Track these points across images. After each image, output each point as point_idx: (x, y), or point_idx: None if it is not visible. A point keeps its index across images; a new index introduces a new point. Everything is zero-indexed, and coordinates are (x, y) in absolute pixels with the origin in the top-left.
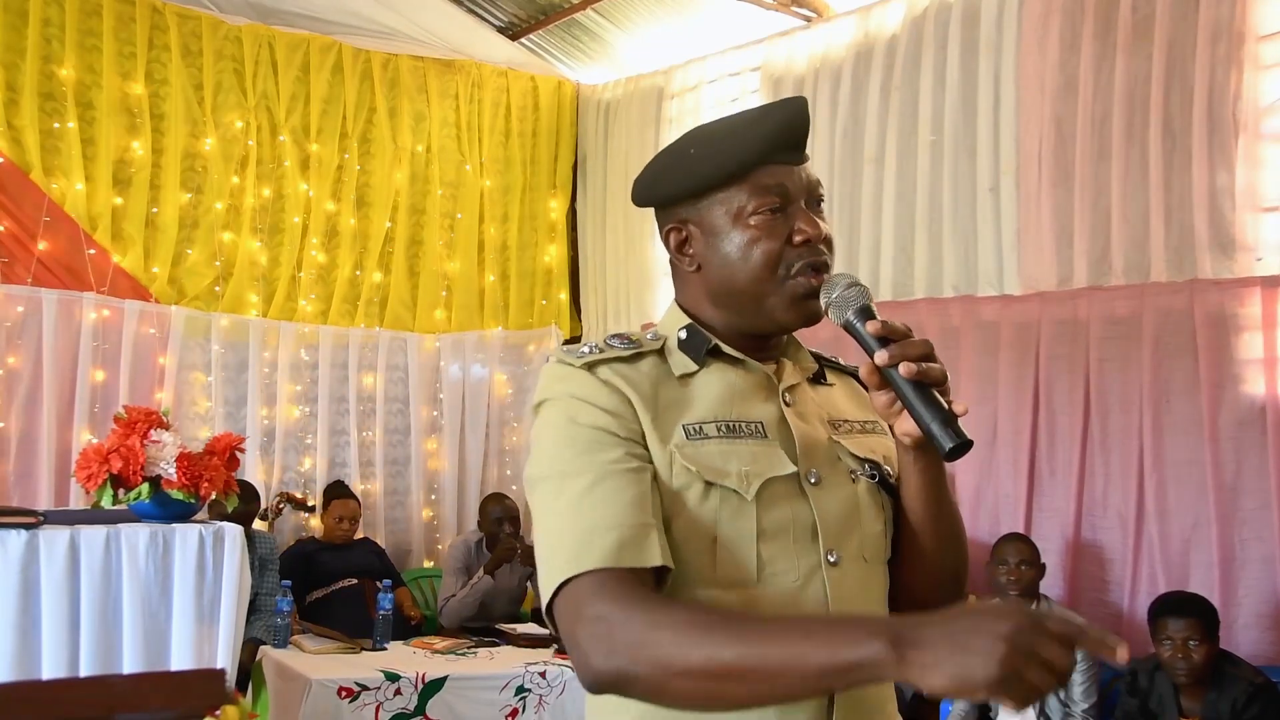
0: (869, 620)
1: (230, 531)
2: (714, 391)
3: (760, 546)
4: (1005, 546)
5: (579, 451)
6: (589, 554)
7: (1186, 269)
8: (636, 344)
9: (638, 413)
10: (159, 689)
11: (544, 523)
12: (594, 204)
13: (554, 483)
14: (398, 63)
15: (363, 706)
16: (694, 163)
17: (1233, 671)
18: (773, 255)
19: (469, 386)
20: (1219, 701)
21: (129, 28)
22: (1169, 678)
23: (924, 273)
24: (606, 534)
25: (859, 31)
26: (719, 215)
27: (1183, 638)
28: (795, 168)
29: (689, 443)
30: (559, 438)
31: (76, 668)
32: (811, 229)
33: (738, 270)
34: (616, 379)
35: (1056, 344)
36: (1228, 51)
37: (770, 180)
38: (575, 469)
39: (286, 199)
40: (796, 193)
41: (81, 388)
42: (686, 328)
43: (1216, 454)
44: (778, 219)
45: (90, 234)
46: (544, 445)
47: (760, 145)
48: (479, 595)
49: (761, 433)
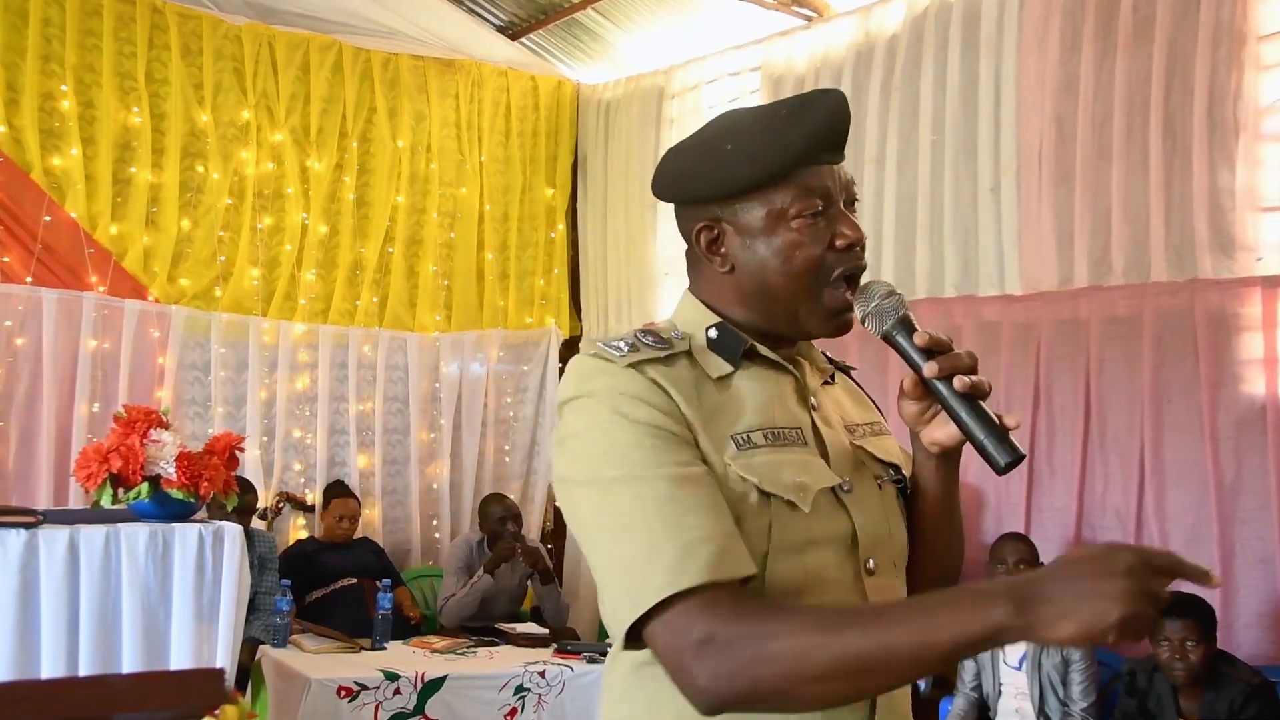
0: (984, 588)
1: (230, 531)
2: (754, 397)
3: (810, 557)
4: (1004, 546)
5: (646, 451)
6: (690, 568)
7: (1187, 269)
8: (668, 344)
9: (689, 419)
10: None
11: (614, 531)
12: (594, 203)
13: (617, 486)
14: (398, 62)
15: (362, 706)
16: (732, 160)
17: (1230, 672)
18: (814, 261)
19: (468, 386)
20: (1216, 702)
21: (129, 27)
22: (1167, 678)
23: (925, 272)
24: (704, 546)
25: (859, 31)
26: (757, 216)
27: (1180, 638)
28: (835, 167)
29: (741, 454)
30: (615, 437)
31: (76, 667)
32: (854, 232)
33: (775, 274)
34: (662, 380)
35: (1057, 344)
36: (1228, 52)
37: (815, 182)
38: (646, 471)
39: (286, 198)
40: (836, 194)
41: (81, 387)
42: (717, 326)
43: (1216, 454)
44: (819, 222)
45: (90, 233)
46: (592, 442)
47: (806, 145)
48: (479, 595)
49: (802, 440)
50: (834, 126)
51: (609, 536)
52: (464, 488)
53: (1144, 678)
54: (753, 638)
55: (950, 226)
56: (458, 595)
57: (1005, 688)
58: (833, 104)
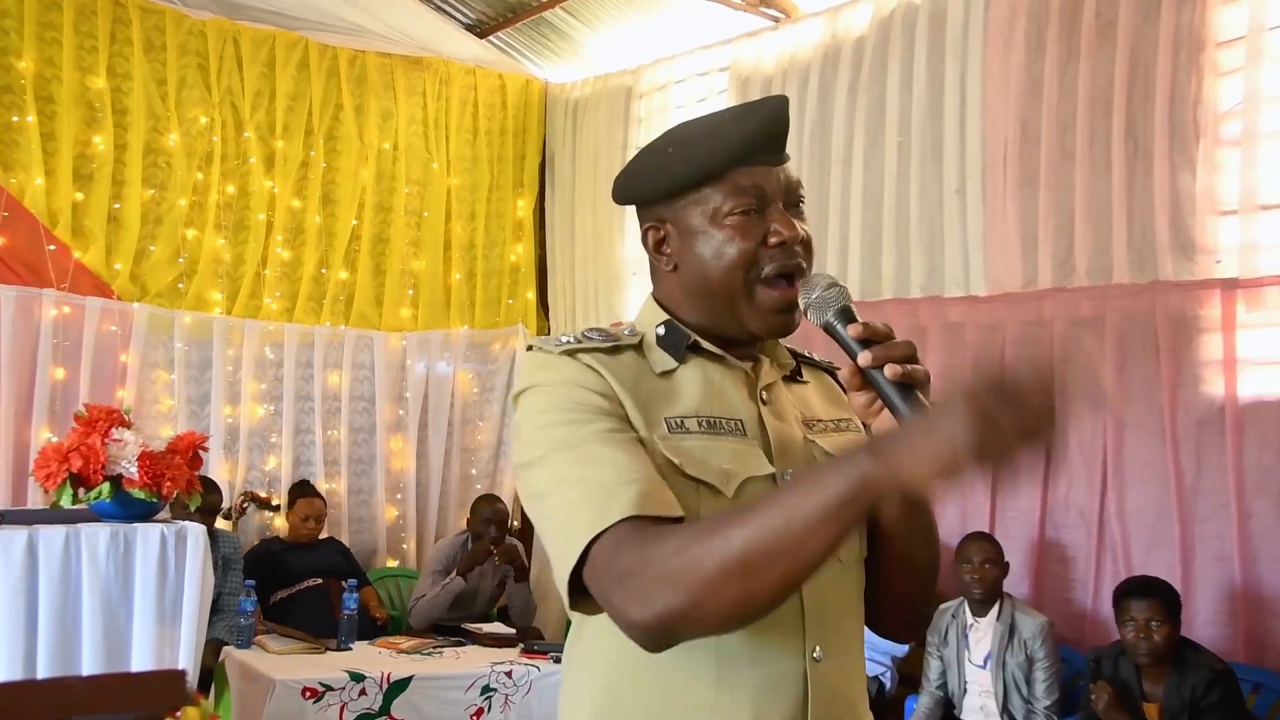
0: (845, 453)
1: (193, 531)
2: (695, 388)
3: None
4: (969, 545)
5: (572, 425)
6: (613, 508)
7: (1148, 271)
8: (614, 338)
9: (621, 400)
10: (118, 691)
11: (549, 499)
12: (562, 203)
13: (553, 457)
14: (364, 59)
15: (327, 707)
16: (671, 162)
17: (1194, 658)
18: (746, 255)
19: (434, 385)
20: (1180, 686)
21: (90, 21)
22: (1132, 661)
23: (891, 273)
24: (627, 487)
25: (826, 33)
26: (695, 215)
27: (1145, 618)
28: (774, 168)
29: (671, 435)
30: (548, 419)
31: (34, 669)
32: (787, 230)
33: (711, 270)
34: (598, 365)
35: (1022, 344)
36: (1189, 57)
37: (746, 181)
38: (573, 440)
39: (251, 196)
40: (774, 194)
41: (41, 385)
42: (664, 324)
43: (1177, 454)
44: (753, 220)
45: (50, 229)
46: (533, 428)
47: (736, 146)
48: (449, 596)
49: (741, 431)
50: (769, 128)
51: (549, 504)
52: (430, 486)
53: (1109, 664)
54: (655, 560)
55: (916, 228)
56: (428, 596)
57: (970, 686)
58: (772, 107)
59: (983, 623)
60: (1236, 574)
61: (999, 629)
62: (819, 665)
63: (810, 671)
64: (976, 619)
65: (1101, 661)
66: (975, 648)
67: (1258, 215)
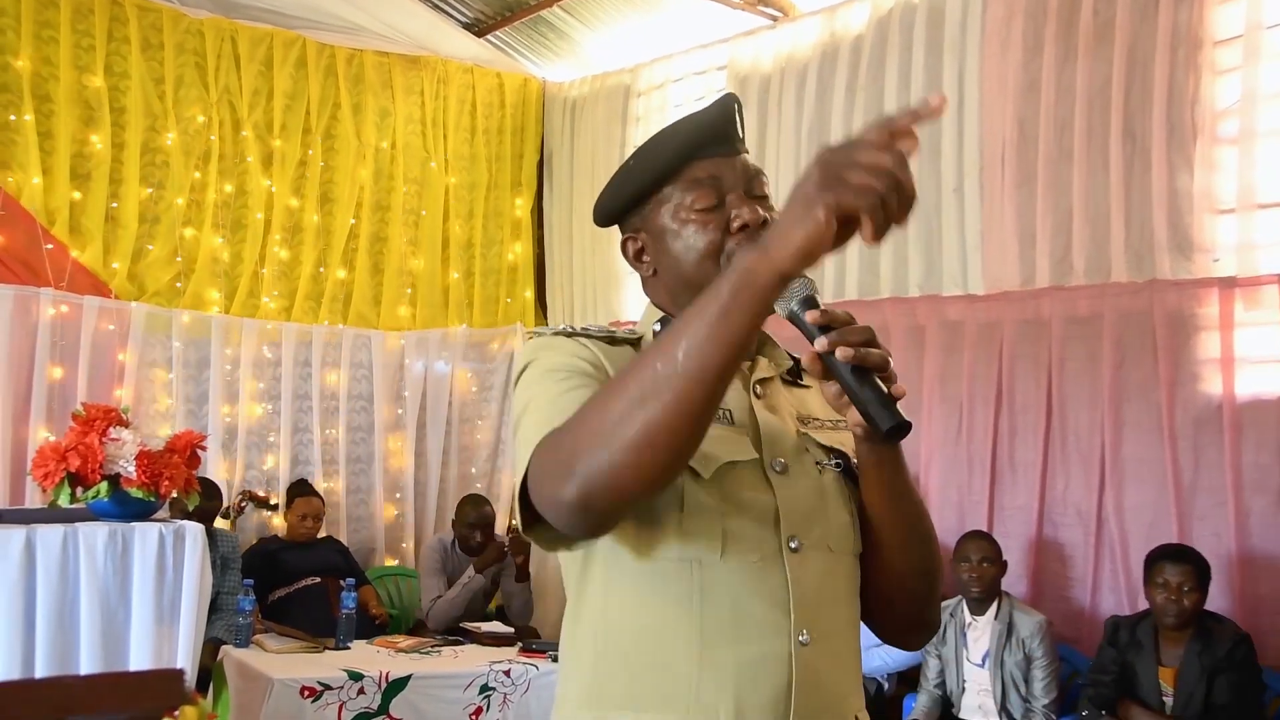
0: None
1: (191, 530)
2: None
3: (725, 523)
4: (967, 544)
5: (557, 381)
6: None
7: (1146, 269)
8: (612, 334)
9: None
10: (116, 690)
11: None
12: (559, 202)
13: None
14: (362, 58)
15: (325, 706)
16: (633, 171)
17: (1216, 627)
18: (714, 245)
19: (432, 384)
20: (1202, 654)
21: (87, 19)
22: (1152, 628)
23: (890, 272)
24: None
25: (824, 31)
26: (662, 216)
27: (1178, 583)
28: (730, 159)
29: None
30: (541, 376)
31: (32, 668)
32: (750, 214)
33: (685, 266)
34: (594, 346)
35: (1019, 343)
36: (1186, 56)
37: (702, 173)
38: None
39: (249, 195)
40: (733, 183)
41: (38, 385)
42: (660, 320)
43: (1175, 452)
44: (714, 211)
45: (48, 228)
46: (528, 400)
47: (686, 142)
48: (469, 595)
49: (728, 419)
50: (716, 121)
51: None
52: (429, 485)
53: (1126, 631)
54: (570, 429)
55: (914, 226)
56: (448, 596)
57: (968, 684)
58: (721, 101)
59: (981, 621)
60: (1234, 572)
61: (997, 627)
62: (805, 649)
63: (796, 654)
64: (975, 617)
65: (1119, 627)
66: (973, 646)
67: (1255, 214)
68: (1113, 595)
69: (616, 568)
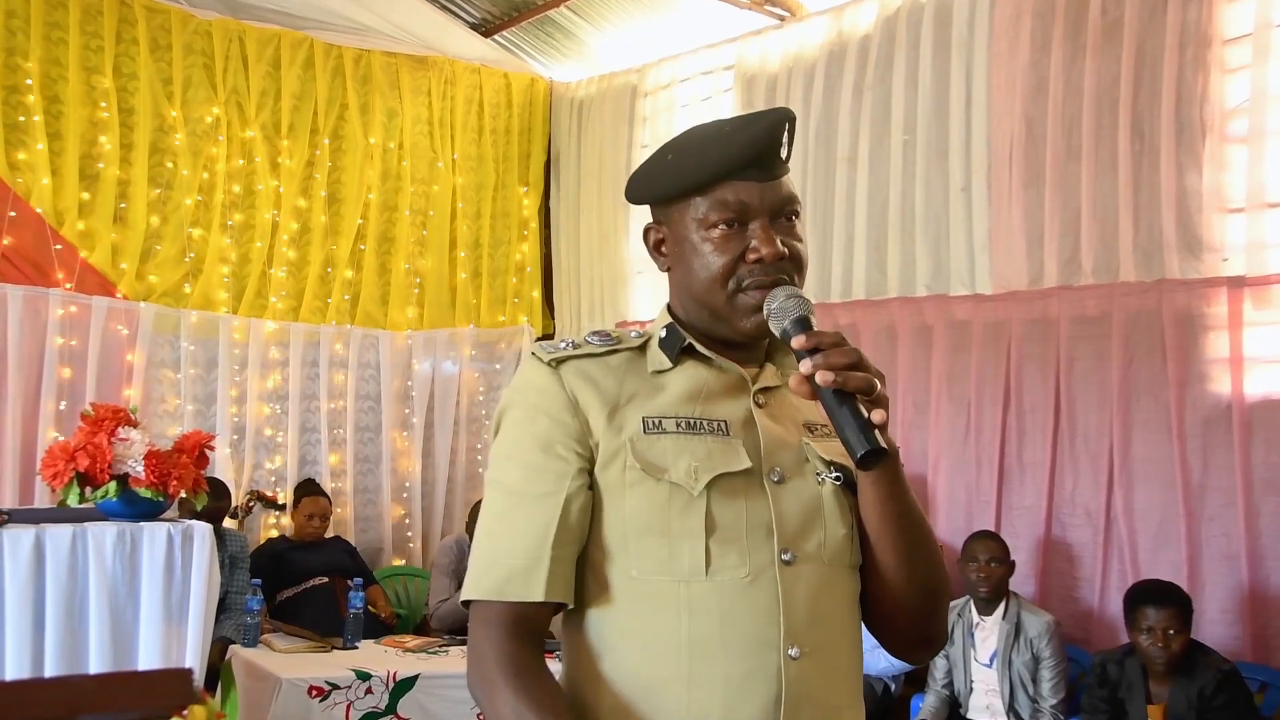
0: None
1: (199, 530)
2: (682, 388)
3: (710, 542)
4: (975, 544)
5: (515, 465)
6: (482, 583)
7: (1155, 269)
8: (616, 341)
9: (589, 418)
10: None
11: (481, 521)
12: (567, 201)
13: (489, 491)
14: (370, 59)
15: (333, 705)
16: (668, 169)
17: (1202, 660)
18: (725, 270)
19: (440, 384)
20: (1188, 688)
21: (96, 20)
22: (1140, 665)
23: (897, 272)
24: (497, 569)
25: (832, 31)
26: (686, 222)
27: (1163, 627)
28: (762, 184)
29: (645, 436)
30: (509, 446)
31: (41, 668)
32: (767, 248)
33: (695, 278)
34: (578, 380)
35: (1027, 343)
36: (1195, 54)
37: (730, 196)
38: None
39: (257, 195)
40: (758, 210)
41: (48, 385)
42: (667, 326)
43: (1184, 452)
44: (734, 234)
45: (57, 229)
46: (497, 456)
47: (720, 163)
48: None
49: (724, 431)
50: (759, 145)
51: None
52: (436, 486)
53: (1115, 668)
54: (486, 676)
55: (922, 226)
56: (455, 599)
57: (976, 684)
58: (764, 123)
59: (989, 621)
60: (1244, 572)
61: (1005, 628)
62: (795, 663)
63: (785, 668)
64: (982, 618)
65: (1107, 665)
66: (981, 646)
67: (1265, 213)
68: (1120, 595)
69: (606, 585)
